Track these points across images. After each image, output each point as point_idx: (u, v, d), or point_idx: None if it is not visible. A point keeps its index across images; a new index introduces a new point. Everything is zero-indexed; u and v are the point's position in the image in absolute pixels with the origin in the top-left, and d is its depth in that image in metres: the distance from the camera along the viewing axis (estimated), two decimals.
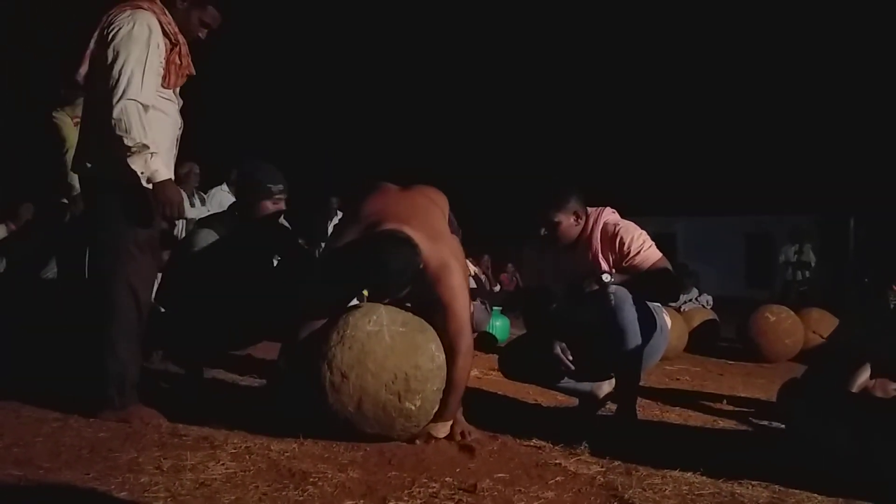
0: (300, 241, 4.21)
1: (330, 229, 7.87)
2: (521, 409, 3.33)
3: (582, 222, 2.93)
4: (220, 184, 7.15)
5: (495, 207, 15.54)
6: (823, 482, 2.14)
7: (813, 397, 2.55)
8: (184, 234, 4.97)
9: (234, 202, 3.68)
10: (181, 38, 2.57)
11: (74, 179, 3.47)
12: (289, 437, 2.36)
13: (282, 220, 3.62)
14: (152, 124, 2.44)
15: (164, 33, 2.51)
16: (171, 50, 2.52)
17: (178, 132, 2.72)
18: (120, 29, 2.43)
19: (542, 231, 2.92)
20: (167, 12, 2.55)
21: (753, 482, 2.15)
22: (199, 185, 6.95)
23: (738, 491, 2.08)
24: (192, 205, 6.71)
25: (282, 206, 3.37)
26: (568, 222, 2.90)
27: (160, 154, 2.46)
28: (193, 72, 2.67)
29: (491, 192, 18.37)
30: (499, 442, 2.53)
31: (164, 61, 2.50)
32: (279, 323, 2.79)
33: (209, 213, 4.18)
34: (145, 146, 2.39)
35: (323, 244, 7.44)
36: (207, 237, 3.24)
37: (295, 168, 3.69)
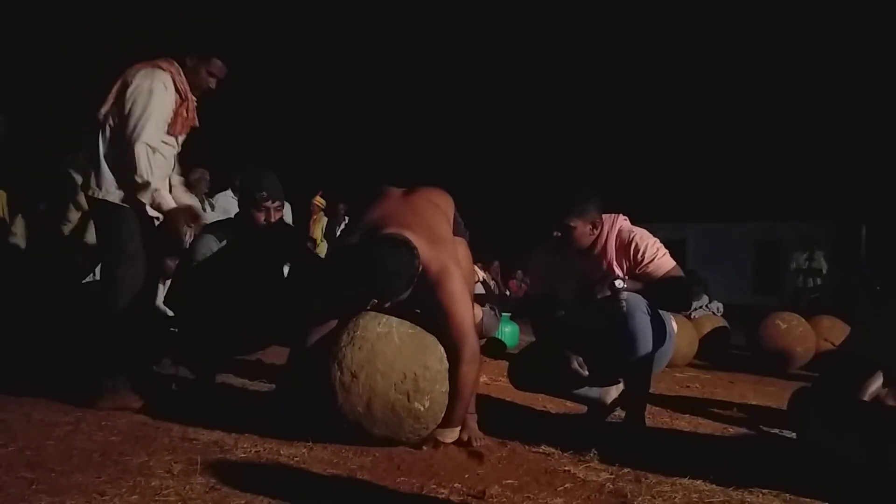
0: (308, 245, 4.23)
1: (338, 234, 7.92)
2: (530, 415, 3.32)
3: (597, 232, 2.91)
4: (226, 189, 7.21)
5: (505, 214, 15.54)
6: (834, 491, 2.13)
7: (824, 405, 2.53)
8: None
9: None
10: (190, 96, 2.97)
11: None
12: (298, 443, 2.37)
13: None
14: (156, 164, 2.86)
15: (177, 90, 2.91)
16: (181, 105, 2.94)
17: (171, 171, 3.07)
18: (142, 83, 2.84)
19: (555, 233, 2.90)
20: (181, 71, 2.95)
21: (764, 490, 2.14)
22: (208, 191, 7.01)
23: (749, 499, 2.07)
24: (205, 209, 6.78)
25: (273, 214, 3.26)
26: (583, 229, 2.86)
27: (161, 188, 2.86)
28: (197, 123, 3.06)
29: (501, 198, 18.38)
30: (508, 448, 2.53)
31: (172, 113, 2.91)
32: (287, 328, 2.80)
33: (214, 220, 4.19)
34: (148, 183, 2.80)
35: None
36: (209, 243, 3.24)
37: (302, 174, 3.69)
